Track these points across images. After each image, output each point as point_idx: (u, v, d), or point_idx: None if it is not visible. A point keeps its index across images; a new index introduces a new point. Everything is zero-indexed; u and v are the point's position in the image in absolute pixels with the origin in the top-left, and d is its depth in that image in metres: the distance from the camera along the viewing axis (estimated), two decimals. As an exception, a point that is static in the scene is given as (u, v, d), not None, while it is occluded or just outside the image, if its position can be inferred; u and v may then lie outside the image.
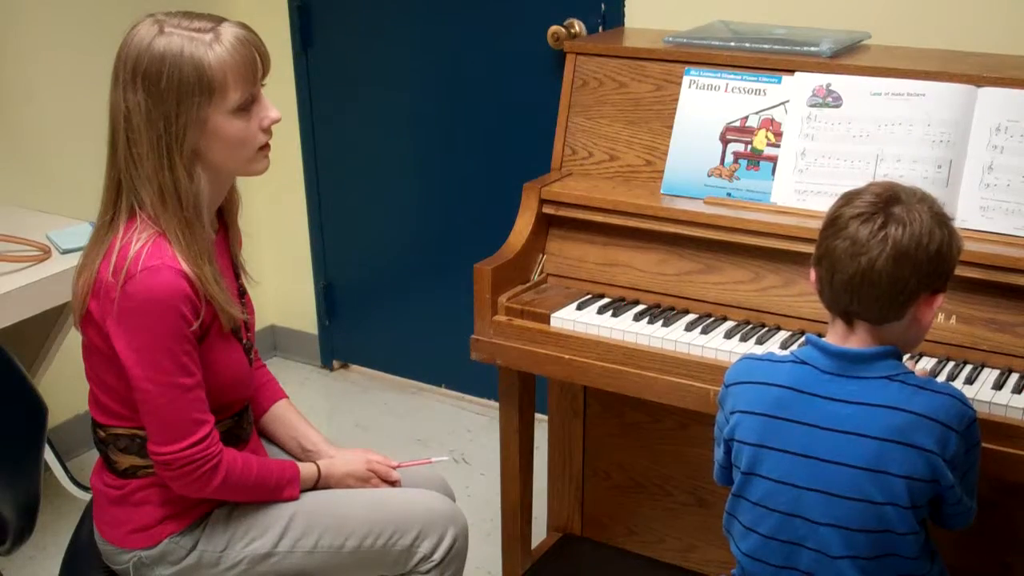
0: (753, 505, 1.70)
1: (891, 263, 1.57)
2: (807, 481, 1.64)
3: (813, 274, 1.68)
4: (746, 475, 1.70)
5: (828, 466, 1.62)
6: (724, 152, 2.23)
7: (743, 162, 2.21)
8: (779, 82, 2.20)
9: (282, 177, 3.58)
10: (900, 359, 1.65)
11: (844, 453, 1.61)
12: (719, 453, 1.78)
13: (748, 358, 1.77)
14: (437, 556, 1.91)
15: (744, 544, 1.73)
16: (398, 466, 2.02)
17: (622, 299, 2.25)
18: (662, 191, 2.27)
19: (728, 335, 2.08)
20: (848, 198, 1.64)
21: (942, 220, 1.62)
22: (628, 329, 2.11)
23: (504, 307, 2.22)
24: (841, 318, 1.66)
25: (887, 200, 1.60)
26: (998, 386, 1.87)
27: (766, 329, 2.11)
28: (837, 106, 2.14)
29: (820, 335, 1.71)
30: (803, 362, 1.67)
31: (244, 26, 1.71)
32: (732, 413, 1.72)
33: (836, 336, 1.67)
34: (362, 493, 1.94)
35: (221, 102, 1.66)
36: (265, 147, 1.76)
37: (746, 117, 2.22)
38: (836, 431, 1.61)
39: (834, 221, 1.63)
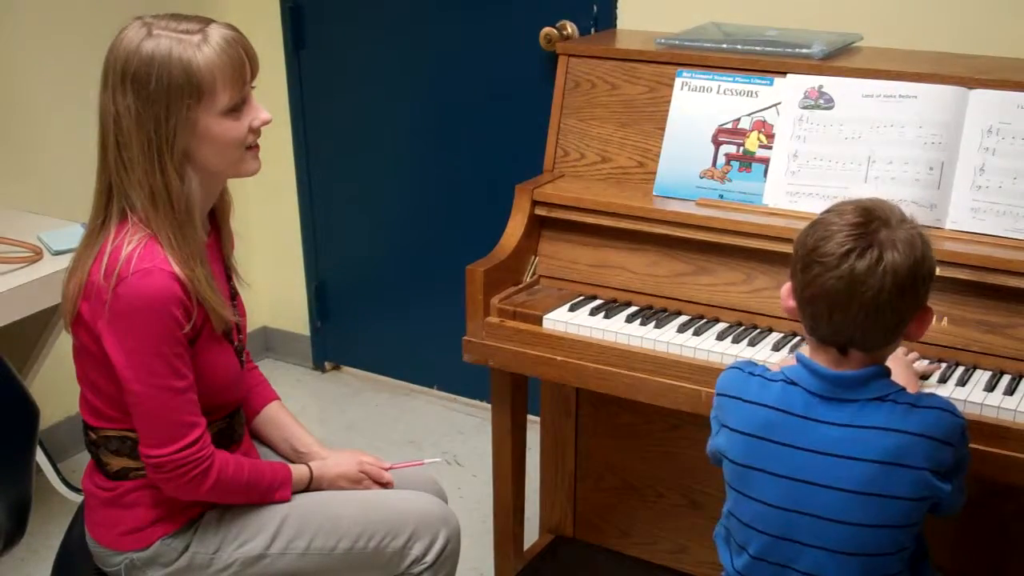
0: (743, 525, 1.68)
1: (895, 292, 1.53)
2: (797, 504, 1.61)
3: (796, 309, 1.62)
4: (737, 493, 1.68)
5: (819, 490, 1.59)
6: (716, 154, 2.23)
7: (735, 164, 2.22)
8: (771, 84, 2.20)
9: (274, 178, 3.57)
10: (888, 376, 1.63)
11: (836, 477, 1.58)
12: (713, 433, 1.75)
13: (740, 370, 1.72)
14: (429, 558, 1.91)
15: (737, 561, 1.72)
16: (390, 468, 2.02)
17: (614, 301, 2.25)
18: (654, 193, 2.28)
19: (720, 337, 2.08)
20: (823, 234, 1.56)
21: (922, 233, 1.58)
22: (620, 331, 2.11)
23: (496, 309, 2.22)
24: (835, 348, 1.60)
25: (871, 228, 1.54)
26: (990, 387, 1.87)
27: (758, 331, 2.11)
28: (829, 108, 2.14)
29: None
30: (793, 382, 1.63)
31: (232, 27, 1.71)
32: (722, 426, 1.70)
33: (826, 361, 1.62)
34: (354, 495, 1.94)
35: (210, 103, 1.66)
36: (255, 148, 1.76)
37: (738, 119, 2.22)
38: (827, 454, 1.59)
39: (819, 259, 1.55)
